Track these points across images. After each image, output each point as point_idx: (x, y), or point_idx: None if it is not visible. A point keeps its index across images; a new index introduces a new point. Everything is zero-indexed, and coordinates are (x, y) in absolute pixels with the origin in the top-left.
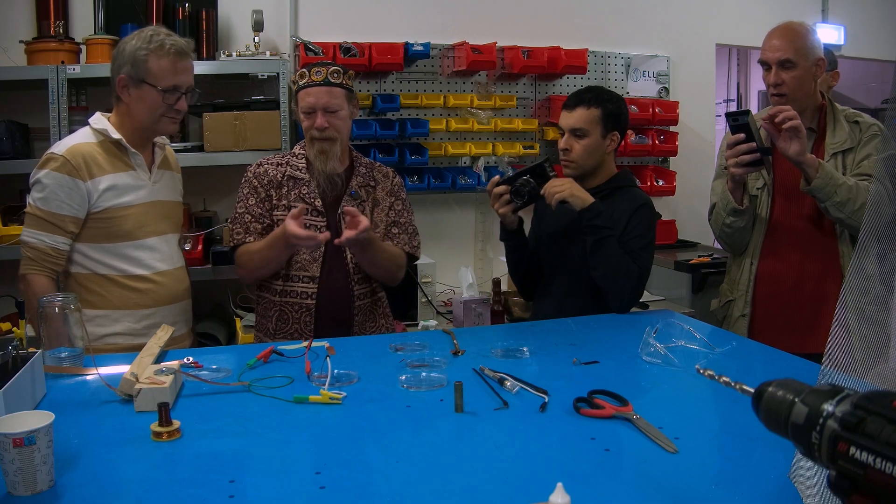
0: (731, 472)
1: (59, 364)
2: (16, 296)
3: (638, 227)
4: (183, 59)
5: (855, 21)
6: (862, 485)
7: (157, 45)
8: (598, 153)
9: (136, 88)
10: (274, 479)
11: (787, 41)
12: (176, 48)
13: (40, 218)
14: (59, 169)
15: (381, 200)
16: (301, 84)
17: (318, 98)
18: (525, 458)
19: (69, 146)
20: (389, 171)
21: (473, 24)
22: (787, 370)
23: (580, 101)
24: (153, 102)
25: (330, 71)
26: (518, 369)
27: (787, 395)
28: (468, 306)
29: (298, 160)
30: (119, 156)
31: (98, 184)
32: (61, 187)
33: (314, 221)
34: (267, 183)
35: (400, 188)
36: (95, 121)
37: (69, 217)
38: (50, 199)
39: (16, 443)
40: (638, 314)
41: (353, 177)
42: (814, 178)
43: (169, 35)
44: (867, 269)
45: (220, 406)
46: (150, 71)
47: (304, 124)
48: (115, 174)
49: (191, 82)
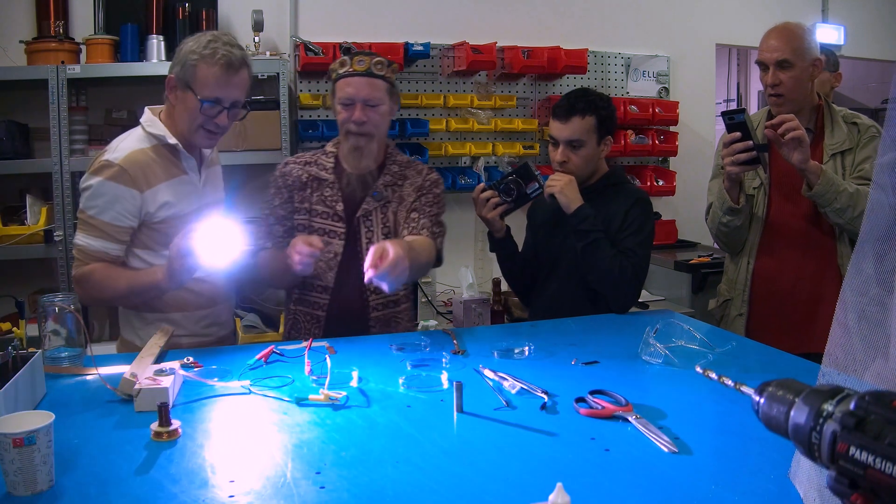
0: (730, 471)
1: (59, 364)
2: (16, 296)
3: (633, 224)
4: (231, 71)
5: (855, 21)
6: (862, 485)
7: (209, 52)
8: (594, 161)
9: (182, 92)
10: (274, 479)
11: (784, 41)
12: (227, 59)
13: (92, 226)
14: (115, 178)
15: (405, 197)
16: (341, 73)
17: (358, 89)
18: (525, 458)
19: (126, 154)
20: (425, 168)
21: (473, 24)
22: (786, 370)
23: (573, 111)
24: (192, 111)
25: (374, 61)
26: (518, 369)
27: (787, 395)
28: (468, 306)
29: (327, 158)
30: (173, 160)
31: (156, 194)
32: (117, 198)
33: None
34: (290, 184)
35: (433, 185)
36: (148, 122)
37: (123, 227)
38: (104, 209)
39: (16, 443)
40: (638, 314)
41: (381, 175)
42: (815, 184)
43: (227, 44)
44: (866, 270)
45: (220, 406)
46: (196, 77)
47: (341, 116)
48: (170, 182)
49: (237, 98)
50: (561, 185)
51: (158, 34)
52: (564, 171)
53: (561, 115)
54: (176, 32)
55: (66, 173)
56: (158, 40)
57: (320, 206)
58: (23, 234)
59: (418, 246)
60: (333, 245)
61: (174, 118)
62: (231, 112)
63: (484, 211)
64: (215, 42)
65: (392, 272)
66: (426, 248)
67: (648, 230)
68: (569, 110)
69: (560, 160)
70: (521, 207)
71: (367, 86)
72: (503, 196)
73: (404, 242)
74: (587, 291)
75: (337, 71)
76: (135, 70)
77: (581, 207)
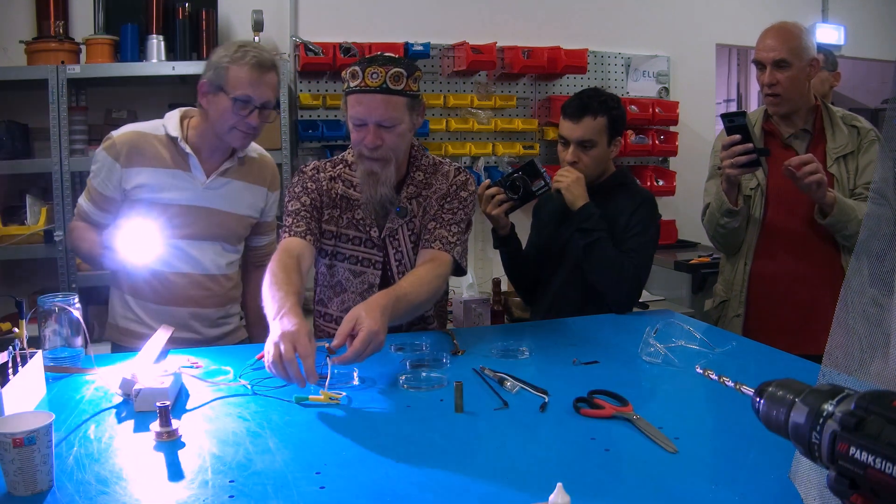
0: (730, 471)
1: (59, 364)
2: (16, 296)
3: (638, 225)
4: (262, 71)
5: (855, 21)
6: (862, 485)
7: (240, 55)
8: (604, 161)
9: (214, 95)
10: (274, 479)
11: (781, 41)
12: (257, 60)
13: (87, 189)
14: (107, 149)
15: (428, 209)
16: (352, 86)
17: (370, 109)
18: (525, 458)
19: (126, 130)
20: (452, 171)
21: (473, 24)
22: (786, 370)
23: (586, 110)
24: (224, 111)
25: (390, 74)
26: (518, 369)
27: (787, 395)
28: (468, 306)
29: (352, 173)
30: (174, 153)
31: (135, 174)
32: (103, 167)
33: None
34: (323, 194)
35: (460, 188)
36: (169, 115)
37: (106, 196)
38: (96, 174)
39: (16, 443)
40: (638, 314)
41: (403, 187)
42: (829, 214)
43: (256, 48)
44: (866, 270)
45: (221, 406)
46: (228, 78)
47: (352, 136)
48: (158, 169)
49: (268, 98)
50: (568, 182)
51: (158, 34)
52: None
53: (572, 114)
54: (176, 32)
55: (66, 173)
56: (158, 40)
57: (351, 231)
58: (23, 234)
59: (416, 284)
60: (368, 275)
61: (208, 122)
62: (262, 113)
63: (489, 208)
64: (245, 47)
65: (360, 355)
66: (427, 280)
67: (653, 232)
68: (581, 110)
69: (570, 160)
70: (525, 205)
71: (382, 105)
72: (509, 193)
73: (391, 298)
74: (591, 289)
75: (348, 83)
76: (135, 70)
77: (586, 205)
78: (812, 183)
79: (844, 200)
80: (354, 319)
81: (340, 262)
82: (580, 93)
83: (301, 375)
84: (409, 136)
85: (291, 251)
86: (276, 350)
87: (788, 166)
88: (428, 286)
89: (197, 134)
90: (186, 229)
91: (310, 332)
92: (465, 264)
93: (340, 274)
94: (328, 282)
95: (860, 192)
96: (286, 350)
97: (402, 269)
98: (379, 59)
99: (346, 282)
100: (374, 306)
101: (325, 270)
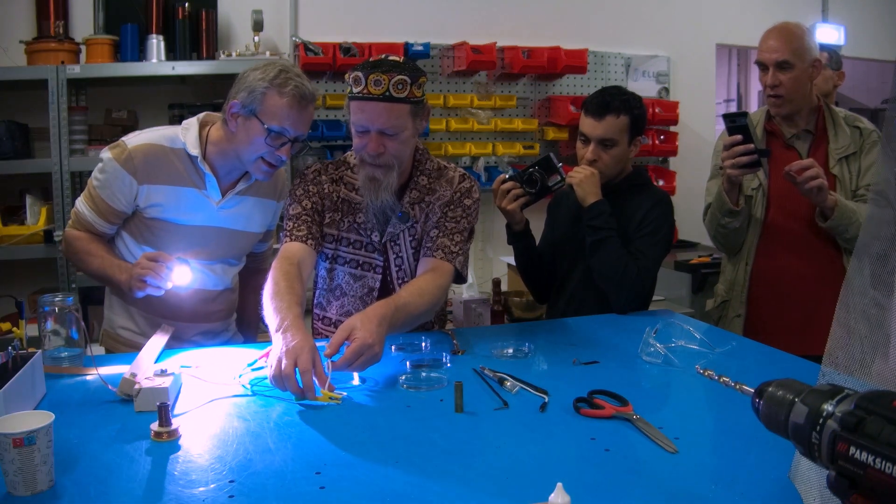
0: (730, 471)
1: (59, 364)
2: (16, 296)
3: (650, 225)
4: (302, 104)
5: (855, 21)
6: (862, 485)
7: (280, 82)
8: (624, 161)
9: (245, 119)
10: (274, 479)
11: (783, 42)
12: (299, 92)
13: (91, 197)
14: (120, 160)
15: (430, 215)
16: (355, 93)
17: (372, 117)
18: (525, 458)
19: (142, 141)
20: (457, 177)
21: (473, 24)
22: (786, 370)
23: (608, 109)
24: (255, 139)
25: (393, 81)
26: (518, 369)
27: (787, 395)
28: (468, 306)
29: (354, 176)
30: (191, 169)
31: (151, 192)
32: (115, 178)
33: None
34: (324, 197)
35: (464, 195)
36: (186, 126)
37: (115, 210)
38: (104, 185)
39: (16, 443)
40: (638, 314)
41: (406, 192)
42: (830, 217)
43: (298, 76)
44: (867, 271)
45: (221, 406)
46: (264, 106)
47: (355, 142)
48: (175, 187)
49: (301, 132)
50: (580, 178)
51: (158, 34)
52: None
53: (594, 112)
54: (176, 32)
55: (66, 173)
56: (158, 40)
57: (352, 235)
58: (23, 234)
59: (416, 294)
60: (368, 279)
61: (231, 142)
62: (294, 146)
63: (504, 202)
64: (287, 73)
65: (350, 365)
66: (428, 290)
67: (664, 233)
68: (603, 108)
69: (590, 158)
70: (541, 200)
71: (385, 112)
72: (526, 187)
73: (390, 309)
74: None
75: (351, 87)
76: (135, 70)
77: (597, 202)
78: (813, 188)
79: (846, 203)
80: (349, 329)
81: (341, 265)
82: (603, 90)
83: (300, 390)
84: (412, 141)
85: (292, 257)
86: (279, 366)
87: (789, 171)
88: (428, 297)
89: (217, 151)
90: (197, 249)
91: (312, 348)
92: (467, 273)
93: (340, 278)
94: (328, 285)
95: (862, 194)
96: (286, 366)
97: (401, 274)
98: (383, 64)
99: (345, 285)
100: (371, 317)
101: (325, 274)
